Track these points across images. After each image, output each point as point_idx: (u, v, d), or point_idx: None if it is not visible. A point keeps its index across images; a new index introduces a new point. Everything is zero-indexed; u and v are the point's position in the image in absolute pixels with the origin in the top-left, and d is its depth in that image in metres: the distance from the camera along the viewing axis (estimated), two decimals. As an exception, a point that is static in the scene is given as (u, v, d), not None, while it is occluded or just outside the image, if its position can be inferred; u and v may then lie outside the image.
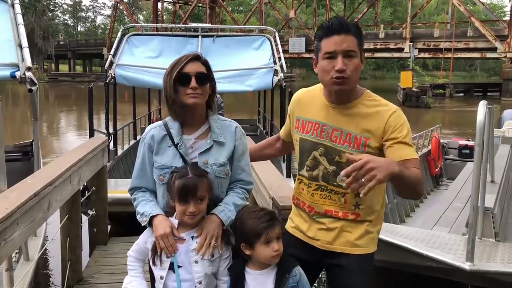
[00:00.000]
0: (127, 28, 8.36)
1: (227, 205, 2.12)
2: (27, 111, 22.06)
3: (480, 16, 45.90)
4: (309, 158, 2.16)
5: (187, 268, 2.04)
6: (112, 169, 7.52)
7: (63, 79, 56.32)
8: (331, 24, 1.99)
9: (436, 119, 25.81)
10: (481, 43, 38.69)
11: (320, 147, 2.13)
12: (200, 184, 1.99)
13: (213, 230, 2.04)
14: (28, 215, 2.66)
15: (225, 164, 2.14)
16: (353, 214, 2.13)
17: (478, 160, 3.72)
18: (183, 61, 2.06)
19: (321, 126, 2.13)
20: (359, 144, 2.05)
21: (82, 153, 3.94)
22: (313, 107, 2.19)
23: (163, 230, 2.02)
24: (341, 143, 2.08)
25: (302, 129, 2.20)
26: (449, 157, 11.03)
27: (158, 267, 2.07)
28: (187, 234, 2.06)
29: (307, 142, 2.17)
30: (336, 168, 2.09)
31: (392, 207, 7.59)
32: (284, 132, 2.45)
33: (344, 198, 2.12)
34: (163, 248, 2.02)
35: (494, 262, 3.92)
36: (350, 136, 2.06)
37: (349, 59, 1.97)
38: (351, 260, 2.12)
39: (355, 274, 2.12)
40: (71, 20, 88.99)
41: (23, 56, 4.19)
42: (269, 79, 7.34)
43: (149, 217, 2.06)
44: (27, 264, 3.71)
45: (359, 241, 2.13)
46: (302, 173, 2.21)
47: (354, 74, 2.00)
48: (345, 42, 1.97)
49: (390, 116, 2.03)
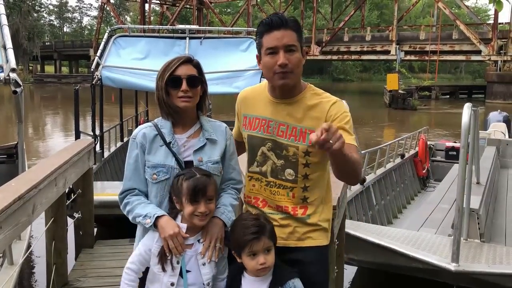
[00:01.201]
0: (114, 30, 8.30)
1: (226, 206, 2.14)
2: (12, 113, 21.79)
3: (464, 19, 46.45)
4: (258, 154, 2.20)
5: (195, 272, 2.04)
6: (99, 171, 7.45)
7: (49, 81, 55.78)
8: (271, 20, 2.04)
9: (422, 121, 26.06)
10: (466, 46, 39.19)
11: (267, 142, 2.17)
12: (210, 183, 2.01)
13: (217, 232, 2.06)
14: (12, 218, 2.62)
15: (219, 162, 2.16)
16: (302, 208, 2.18)
17: (463, 161, 3.77)
18: (175, 64, 2.08)
19: (267, 122, 2.17)
20: (304, 137, 2.10)
21: (67, 156, 3.90)
22: (258, 104, 2.23)
23: (172, 230, 1.99)
24: (287, 137, 2.13)
25: (250, 126, 2.24)
26: (436, 158, 11.13)
27: (169, 273, 2.02)
28: (194, 239, 2.05)
29: (254, 138, 2.21)
30: (284, 162, 2.14)
31: (380, 209, 7.64)
32: (235, 133, 2.45)
33: (292, 192, 2.16)
34: (172, 248, 1.99)
35: (479, 263, 3.97)
36: (295, 130, 2.11)
37: (290, 54, 2.03)
38: (306, 253, 2.17)
39: (312, 265, 2.16)
40: (57, 21, 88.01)
41: (7, 57, 4.14)
42: (257, 81, 7.33)
43: (155, 218, 2.02)
44: (11, 268, 3.66)
45: (312, 234, 2.18)
46: (252, 169, 2.24)
47: (296, 68, 2.05)
48: (286, 37, 2.02)
49: (331, 106, 2.09)
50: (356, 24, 55.73)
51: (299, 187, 2.15)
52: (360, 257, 4.89)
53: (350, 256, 4.81)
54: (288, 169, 2.14)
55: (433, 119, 28.54)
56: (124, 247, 4.76)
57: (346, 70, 74.79)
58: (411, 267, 4.27)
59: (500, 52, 37.20)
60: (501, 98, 35.88)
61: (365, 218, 6.87)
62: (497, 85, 36.80)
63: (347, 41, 46.33)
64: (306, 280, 2.12)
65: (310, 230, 2.18)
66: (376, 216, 7.31)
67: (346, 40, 46.33)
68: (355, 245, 4.47)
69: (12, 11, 48.48)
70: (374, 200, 7.48)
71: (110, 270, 4.27)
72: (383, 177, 8.20)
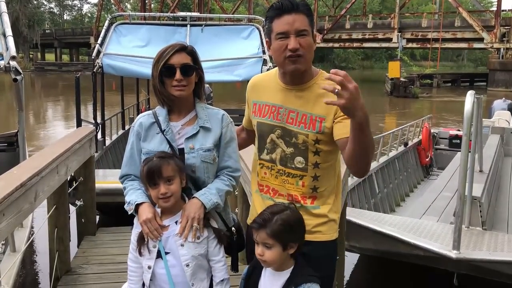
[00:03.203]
0: (115, 17, 8.27)
1: (209, 189, 2.14)
2: (13, 101, 21.78)
3: (467, 7, 46.20)
4: (267, 141, 2.16)
5: (175, 253, 2.06)
6: (100, 159, 7.47)
7: (49, 68, 55.64)
8: (281, 4, 1.99)
9: (423, 109, 26.00)
10: (468, 34, 38.97)
11: (277, 130, 2.13)
12: (164, 164, 2.00)
13: (194, 212, 2.06)
14: (14, 206, 2.63)
15: (211, 150, 2.15)
16: (311, 198, 2.13)
17: (465, 149, 3.76)
18: (169, 53, 2.07)
19: (277, 109, 2.13)
20: (314, 124, 2.05)
21: (69, 143, 3.89)
22: (268, 90, 2.19)
23: (146, 215, 2.04)
24: (297, 124, 2.08)
25: (259, 113, 2.20)
26: (439, 147, 11.12)
27: (146, 257, 2.07)
28: (171, 220, 2.08)
29: (264, 125, 2.17)
30: (293, 150, 2.10)
31: (382, 197, 7.65)
32: (246, 121, 2.43)
33: (302, 181, 2.12)
34: (147, 233, 2.04)
35: (480, 250, 3.97)
36: (306, 117, 2.07)
37: (302, 38, 1.98)
38: (314, 247, 2.11)
39: (319, 260, 2.12)
40: (57, 9, 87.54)
41: (7, 45, 4.11)
42: (258, 68, 7.31)
43: (135, 205, 2.08)
44: (14, 255, 3.68)
45: (321, 227, 2.14)
46: (263, 157, 2.20)
47: (308, 53, 2.00)
48: (297, 21, 1.96)
49: None
50: (357, 12, 55.34)
51: (309, 176, 2.10)
52: (361, 244, 4.90)
53: (352, 243, 4.83)
54: (298, 157, 2.09)
55: (434, 107, 28.48)
56: (125, 234, 4.77)
57: (347, 58, 74.43)
58: (412, 255, 4.28)
59: (503, 39, 37.01)
60: (503, 86, 35.78)
61: (368, 206, 6.88)
62: (499, 73, 36.67)
63: (348, 28, 46.09)
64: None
65: (319, 223, 2.14)
66: (378, 204, 7.32)
67: (347, 27, 46.09)
68: (357, 233, 4.48)
69: (12, -2, 48.18)
70: (376, 188, 7.49)
71: (112, 257, 4.29)
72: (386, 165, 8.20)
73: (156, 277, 2.09)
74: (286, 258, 1.97)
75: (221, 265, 2.14)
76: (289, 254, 1.96)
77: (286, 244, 1.94)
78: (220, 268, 2.14)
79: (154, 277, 2.09)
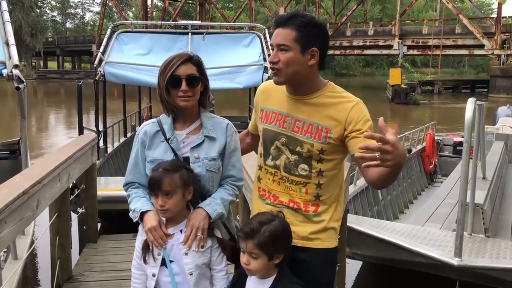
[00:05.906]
0: (117, 25, 8.32)
1: (214, 199, 2.15)
2: (15, 108, 21.82)
3: (468, 14, 46.21)
4: (271, 148, 2.18)
5: (179, 262, 2.07)
6: (102, 167, 7.47)
7: (51, 76, 55.76)
8: (275, 18, 2.10)
9: (424, 116, 25.97)
10: (469, 40, 39.02)
11: (282, 137, 2.15)
12: (166, 178, 2.00)
13: (198, 222, 2.07)
14: (17, 213, 2.63)
15: (216, 159, 2.17)
16: (314, 205, 2.14)
17: (466, 156, 3.76)
18: (175, 64, 2.08)
19: (284, 117, 2.15)
20: (320, 134, 2.07)
21: (71, 151, 3.90)
22: (276, 98, 2.21)
23: (151, 223, 2.05)
24: (303, 133, 2.10)
25: (266, 119, 2.22)
26: (444, 153, 11.07)
27: (151, 265, 2.08)
28: (176, 228, 2.09)
29: (269, 132, 2.19)
30: (297, 158, 2.12)
31: (385, 204, 7.62)
32: (252, 126, 2.45)
33: (305, 188, 2.13)
34: (152, 241, 2.04)
35: (482, 258, 3.95)
36: (312, 127, 2.09)
37: (282, 52, 2.02)
38: (313, 254, 2.12)
39: (318, 268, 2.13)
40: (60, 17, 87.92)
41: (10, 53, 4.13)
42: (259, 76, 7.33)
43: (140, 213, 2.09)
44: (15, 263, 3.67)
45: (320, 235, 2.14)
46: (268, 163, 2.21)
47: (285, 67, 2.02)
48: (279, 35, 2.02)
49: (353, 108, 2.05)
50: (358, 19, 55.47)
51: (313, 183, 2.12)
52: (364, 251, 4.89)
53: (354, 250, 4.82)
54: (302, 164, 2.11)
55: (436, 113, 28.45)
56: (127, 242, 4.78)
57: (348, 65, 74.52)
58: (414, 262, 4.27)
59: (504, 46, 37.04)
60: (504, 92, 35.76)
61: (371, 213, 6.86)
62: (500, 79, 36.66)
63: (349, 35, 46.18)
64: (310, 279, 2.10)
65: (319, 230, 2.14)
66: (382, 211, 7.29)
67: (348, 34, 46.18)
68: (359, 240, 4.47)
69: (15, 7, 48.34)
70: (380, 195, 7.46)
71: (114, 264, 4.29)
72: None
73: (160, 284, 2.09)
74: (271, 267, 1.98)
75: (223, 274, 2.15)
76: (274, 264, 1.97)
77: (272, 255, 1.95)
78: (221, 277, 2.15)
79: (158, 285, 2.10)
